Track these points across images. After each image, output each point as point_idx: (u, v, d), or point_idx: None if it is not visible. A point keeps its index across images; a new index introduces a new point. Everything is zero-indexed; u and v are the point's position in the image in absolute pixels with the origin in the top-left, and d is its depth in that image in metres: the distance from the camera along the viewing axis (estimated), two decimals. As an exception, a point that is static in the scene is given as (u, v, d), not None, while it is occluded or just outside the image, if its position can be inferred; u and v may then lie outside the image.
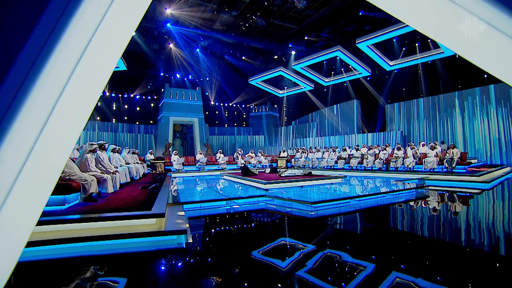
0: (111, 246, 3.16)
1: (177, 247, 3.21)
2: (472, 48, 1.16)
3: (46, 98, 1.04)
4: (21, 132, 1.07)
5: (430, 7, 1.12)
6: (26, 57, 1.02)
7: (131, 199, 4.59)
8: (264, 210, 5.43)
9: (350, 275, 2.49)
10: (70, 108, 1.13)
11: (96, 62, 1.12)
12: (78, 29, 1.11)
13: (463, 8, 1.09)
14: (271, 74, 19.21)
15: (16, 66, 1.01)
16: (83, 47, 1.10)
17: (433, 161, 10.22)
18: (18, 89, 1.00)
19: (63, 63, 1.11)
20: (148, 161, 12.58)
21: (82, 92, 1.15)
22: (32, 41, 1.01)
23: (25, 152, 1.09)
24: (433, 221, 4.44)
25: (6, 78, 1.03)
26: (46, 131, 1.09)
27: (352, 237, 3.91)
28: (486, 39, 1.10)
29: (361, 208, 5.44)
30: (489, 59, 1.17)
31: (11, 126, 1.02)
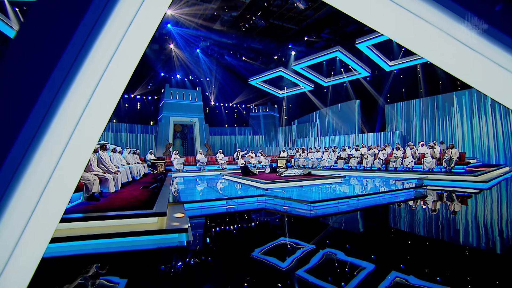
0: (114, 244, 3.23)
1: (178, 246, 3.27)
2: (433, 51, 1.24)
3: (78, 101, 1.12)
4: (58, 132, 1.15)
5: (406, 21, 1.19)
6: (64, 64, 1.11)
7: (132, 199, 4.65)
8: (264, 209, 5.49)
9: (347, 274, 2.56)
10: (97, 111, 1.21)
11: (121, 67, 1.20)
12: (107, 39, 1.19)
13: (434, 27, 1.16)
14: (271, 75, 19.28)
15: (56, 71, 1.09)
16: (110, 55, 1.18)
17: (432, 161, 10.28)
18: (57, 92, 1.08)
19: (94, 67, 1.19)
20: (149, 161, 12.64)
21: (107, 95, 1.23)
22: (67, 52, 1.10)
23: (60, 150, 1.16)
24: (430, 220, 4.51)
25: (47, 82, 1.11)
26: (76, 132, 1.17)
27: (350, 236, 3.97)
28: (445, 43, 1.19)
29: (360, 207, 5.51)
30: (452, 62, 1.26)
31: (49, 127, 1.11)
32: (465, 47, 1.15)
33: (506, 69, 1.13)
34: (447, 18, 1.14)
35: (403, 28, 1.20)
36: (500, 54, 1.11)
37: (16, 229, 1.14)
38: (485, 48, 1.13)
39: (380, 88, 18.64)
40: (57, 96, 1.13)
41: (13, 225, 1.13)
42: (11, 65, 1.13)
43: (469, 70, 1.22)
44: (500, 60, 1.11)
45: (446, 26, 1.15)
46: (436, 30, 1.17)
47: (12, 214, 1.13)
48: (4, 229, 1.12)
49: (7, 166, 1.10)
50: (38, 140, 1.12)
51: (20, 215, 1.14)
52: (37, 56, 1.14)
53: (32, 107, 1.09)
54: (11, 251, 1.14)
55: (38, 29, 1.13)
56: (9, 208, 1.11)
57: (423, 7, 1.14)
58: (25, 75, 1.13)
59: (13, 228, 1.13)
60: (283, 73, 18.72)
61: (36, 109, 1.08)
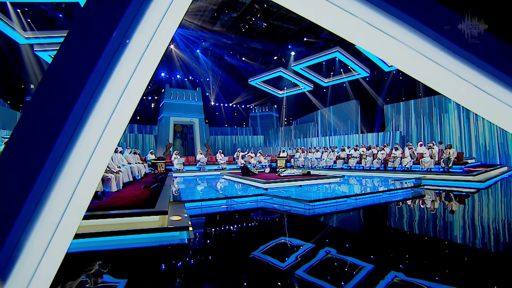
0: (117, 242, 3.32)
1: (179, 243, 3.37)
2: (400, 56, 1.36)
3: (109, 104, 1.24)
4: (91, 133, 1.25)
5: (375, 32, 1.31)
6: (99, 71, 1.22)
7: (134, 198, 4.74)
8: (263, 208, 5.58)
9: (345, 272, 2.65)
10: (122, 113, 1.31)
11: (145, 71, 1.32)
12: (135, 46, 1.30)
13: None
14: (271, 75, 19.36)
15: (92, 77, 1.20)
16: (137, 61, 1.29)
17: (430, 161, 10.37)
18: (92, 95, 1.20)
19: (125, 70, 1.30)
20: (149, 161, 12.73)
21: (128, 105, 1.34)
22: (101, 61, 1.22)
23: (90, 151, 1.26)
24: (426, 219, 4.60)
25: (84, 86, 1.22)
26: (106, 133, 1.27)
27: (348, 234, 4.06)
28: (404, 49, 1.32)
29: (358, 206, 5.60)
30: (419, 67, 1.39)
31: (83, 129, 1.22)
32: (420, 55, 1.29)
33: (455, 73, 1.26)
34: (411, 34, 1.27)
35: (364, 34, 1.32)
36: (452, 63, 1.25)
37: (52, 224, 1.24)
38: (438, 56, 1.27)
39: (379, 88, 18.73)
40: (88, 106, 1.23)
41: (50, 221, 1.23)
42: (53, 80, 1.27)
43: (426, 73, 1.35)
44: (453, 68, 1.25)
45: (410, 41, 1.28)
46: (403, 46, 1.30)
47: (50, 209, 1.23)
48: (43, 225, 1.22)
49: (47, 168, 1.20)
50: (73, 143, 1.23)
51: (56, 211, 1.24)
52: (75, 72, 1.27)
53: (68, 115, 1.21)
54: (46, 246, 1.24)
55: (73, 51, 1.26)
56: (48, 204, 1.22)
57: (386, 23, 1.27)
58: (66, 83, 1.26)
59: (50, 224, 1.23)
60: (283, 74, 18.81)
61: (72, 116, 1.20)
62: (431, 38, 1.27)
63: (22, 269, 1.19)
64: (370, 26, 1.28)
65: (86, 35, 1.29)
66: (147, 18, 1.30)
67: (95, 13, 1.30)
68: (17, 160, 1.23)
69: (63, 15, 12.55)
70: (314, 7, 1.31)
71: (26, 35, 11.29)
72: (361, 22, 1.27)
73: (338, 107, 20.81)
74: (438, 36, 1.26)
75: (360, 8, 1.25)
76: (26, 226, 1.19)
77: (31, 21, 11.70)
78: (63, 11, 12.37)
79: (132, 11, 1.26)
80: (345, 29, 1.35)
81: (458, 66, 1.29)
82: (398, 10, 1.24)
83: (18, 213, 1.16)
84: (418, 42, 1.28)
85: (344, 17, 1.28)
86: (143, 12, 1.28)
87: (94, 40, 1.26)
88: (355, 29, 1.32)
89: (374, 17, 1.26)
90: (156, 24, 1.32)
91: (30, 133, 1.27)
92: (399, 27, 1.28)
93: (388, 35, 1.30)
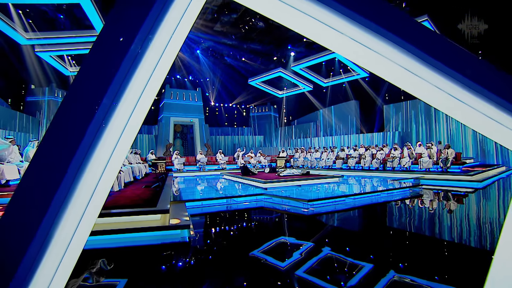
0: (120, 240, 3.40)
1: (180, 241, 3.45)
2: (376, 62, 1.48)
3: (128, 106, 1.36)
4: (113, 133, 1.35)
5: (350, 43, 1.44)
6: (122, 73, 1.34)
7: (136, 197, 4.82)
8: (263, 208, 5.67)
9: (342, 270, 2.73)
10: (138, 114, 1.41)
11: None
12: (153, 52, 1.42)
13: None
14: (270, 75, 19.42)
15: (115, 81, 1.32)
16: (154, 64, 1.40)
17: (429, 161, 10.46)
18: (115, 98, 1.31)
19: (144, 73, 1.41)
20: (150, 161, 12.80)
21: (143, 108, 1.43)
22: (124, 63, 1.34)
23: (110, 151, 1.35)
24: (424, 218, 4.69)
25: (109, 87, 1.33)
26: (124, 133, 1.36)
27: (346, 233, 4.14)
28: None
29: (356, 206, 5.68)
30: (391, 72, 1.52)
31: (106, 129, 1.32)
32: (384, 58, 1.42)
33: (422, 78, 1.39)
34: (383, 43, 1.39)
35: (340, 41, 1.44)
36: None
37: (74, 221, 1.33)
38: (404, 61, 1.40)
39: (379, 89, 18.82)
40: (110, 109, 1.33)
41: (73, 218, 1.32)
42: (81, 87, 1.40)
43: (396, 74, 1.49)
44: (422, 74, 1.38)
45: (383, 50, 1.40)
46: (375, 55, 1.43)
47: (74, 206, 1.31)
48: (66, 222, 1.31)
49: (72, 166, 1.29)
50: (97, 142, 1.33)
51: (79, 207, 1.33)
52: (98, 79, 1.38)
53: (92, 118, 1.31)
54: (69, 242, 1.33)
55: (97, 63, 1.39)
56: (72, 201, 1.30)
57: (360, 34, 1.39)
58: (93, 87, 1.39)
59: (73, 221, 1.33)
60: (283, 74, 18.87)
61: (96, 118, 1.30)
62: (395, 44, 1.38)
63: (46, 264, 1.28)
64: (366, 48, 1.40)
65: (111, 41, 1.39)
66: (163, 26, 1.40)
67: (120, 20, 1.40)
68: (49, 158, 1.33)
69: (64, 16, 12.63)
70: (294, 18, 1.41)
71: (27, 35, 11.36)
72: (344, 37, 1.39)
73: (338, 107, 20.89)
74: (419, 52, 1.36)
75: (339, 22, 1.36)
76: (51, 226, 1.29)
77: (32, 22, 11.77)
78: (64, 12, 12.45)
79: (152, 18, 1.36)
80: (325, 39, 1.46)
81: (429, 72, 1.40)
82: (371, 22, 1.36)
83: (44, 214, 1.26)
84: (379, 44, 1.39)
85: (322, 27, 1.40)
86: (161, 19, 1.39)
87: (118, 46, 1.37)
88: (335, 39, 1.43)
89: (364, 36, 1.38)
90: (172, 31, 1.42)
91: (59, 134, 1.37)
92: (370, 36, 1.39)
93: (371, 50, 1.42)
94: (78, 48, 12.32)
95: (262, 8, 1.49)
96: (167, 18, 1.41)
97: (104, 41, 1.40)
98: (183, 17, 1.44)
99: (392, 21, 1.37)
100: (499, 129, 1.37)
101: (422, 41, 1.36)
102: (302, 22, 1.42)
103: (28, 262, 1.25)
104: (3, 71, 15.20)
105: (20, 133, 14.77)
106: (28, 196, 1.34)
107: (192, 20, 1.50)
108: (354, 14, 1.36)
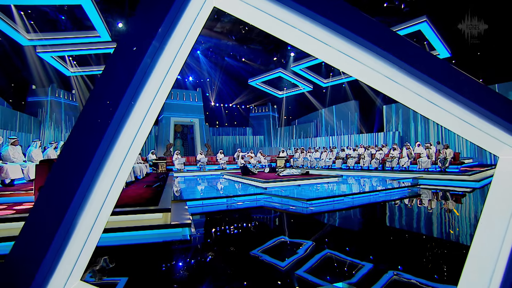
0: (123, 238, 3.48)
1: (182, 239, 3.53)
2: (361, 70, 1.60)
3: (142, 109, 1.46)
4: (129, 133, 1.45)
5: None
6: (139, 77, 1.43)
7: (138, 196, 4.90)
8: (262, 207, 5.75)
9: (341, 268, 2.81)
10: (151, 117, 1.51)
11: (171, 78, 1.54)
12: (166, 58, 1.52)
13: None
14: (270, 76, 19.48)
15: (131, 85, 1.42)
16: (166, 71, 1.50)
17: (427, 161, 10.53)
18: (131, 101, 1.41)
19: (157, 79, 1.52)
20: (151, 161, 12.88)
21: (155, 111, 1.53)
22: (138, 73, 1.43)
23: (125, 152, 1.44)
24: (421, 217, 4.77)
25: (126, 91, 1.43)
26: (138, 135, 1.46)
27: (344, 231, 4.23)
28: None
29: (354, 205, 5.76)
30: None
31: (122, 129, 1.42)
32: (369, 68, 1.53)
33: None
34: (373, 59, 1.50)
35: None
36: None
37: (91, 219, 1.43)
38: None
39: (378, 89, 18.87)
40: (126, 112, 1.44)
41: (91, 215, 1.42)
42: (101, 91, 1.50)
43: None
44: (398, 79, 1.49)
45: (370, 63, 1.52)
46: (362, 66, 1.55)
47: (92, 203, 1.41)
48: (86, 218, 1.40)
49: (93, 165, 1.38)
50: (114, 142, 1.42)
51: (97, 205, 1.43)
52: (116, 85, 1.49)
53: (110, 120, 1.41)
54: (86, 238, 1.42)
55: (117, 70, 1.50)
56: (91, 199, 1.40)
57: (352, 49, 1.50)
58: (113, 88, 1.49)
59: (91, 218, 1.42)
60: (283, 74, 18.93)
61: (114, 121, 1.40)
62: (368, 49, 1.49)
63: (68, 257, 1.39)
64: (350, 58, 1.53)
65: (128, 47, 1.49)
66: (176, 34, 1.51)
67: (140, 25, 1.51)
68: (74, 156, 1.44)
69: (65, 17, 12.72)
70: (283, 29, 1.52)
71: (29, 36, 11.44)
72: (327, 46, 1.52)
73: (338, 108, 20.97)
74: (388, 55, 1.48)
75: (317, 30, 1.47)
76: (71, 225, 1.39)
77: (34, 23, 11.87)
78: (65, 13, 12.54)
79: (167, 25, 1.46)
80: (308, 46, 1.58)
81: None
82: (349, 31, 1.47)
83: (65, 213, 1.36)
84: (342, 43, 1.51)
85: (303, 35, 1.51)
86: (174, 27, 1.48)
87: (136, 50, 1.48)
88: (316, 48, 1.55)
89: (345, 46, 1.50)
90: (183, 37, 1.52)
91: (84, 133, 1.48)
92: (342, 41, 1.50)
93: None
94: (79, 48, 12.41)
95: (250, 19, 1.59)
96: (176, 30, 1.50)
97: (124, 46, 1.50)
98: (192, 27, 1.53)
99: (373, 32, 1.46)
100: (469, 128, 1.49)
101: (403, 51, 1.46)
102: (292, 34, 1.52)
103: (54, 250, 1.35)
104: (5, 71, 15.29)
105: (21, 133, 14.86)
106: (53, 195, 1.43)
107: (200, 28, 1.60)
108: (330, 22, 1.45)
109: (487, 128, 1.45)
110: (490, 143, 1.60)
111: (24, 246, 1.34)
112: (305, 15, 1.39)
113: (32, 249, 1.34)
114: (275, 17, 1.44)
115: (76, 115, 19.45)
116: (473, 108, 1.41)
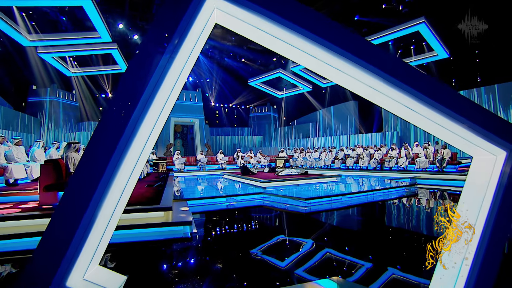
0: (125, 236, 3.57)
1: (183, 237, 3.63)
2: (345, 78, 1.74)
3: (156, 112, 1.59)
4: (143, 135, 1.57)
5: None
6: (155, 78, 1.58)
7: (139, 195, 5.00)
8: (262, 206, 5.84)
9: (339, 266, 2.91)
10: (163, 119, 1.64)
11: (181, 82, 1.68)
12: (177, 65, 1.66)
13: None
14: (270, 76, 19.56)
15: (146, 91, 1.56)
16: (176, 77, 1.64)
17: (425, 161, 10.64)
18: (145, 106, 1.54)
19: (168, 85, 1.66)
20: (151, 161, 12.96)
21: (165, 114, 1.65)
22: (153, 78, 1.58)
23: (140, 150, 1.56)
24: (418, 216, 4.87)
25: (140, 98, 1.55)
26: (150, 137, 1.57)
27: (341, 230, 4.33)
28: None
29: (352, 204, 5.86)
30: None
31: (137, 131, 1.54)
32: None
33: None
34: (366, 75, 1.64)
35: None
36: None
37: (107, 215, 1.54)
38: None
39: (377, 90, 18.96)
40: (140, 116, 1.56)
41: (107, 213, 1.54)
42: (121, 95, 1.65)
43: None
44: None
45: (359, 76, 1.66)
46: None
47: (109, 201, 1.52)
48: (102, 216, 1.51)
49: (111, 166, 1.49)
50: (131, 141, 1.55)
51: (112, 202, 1.54)
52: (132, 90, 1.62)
53: (126, 124, 1.54)
54: (102, 234, 1.53)
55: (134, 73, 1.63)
56: (108, 195, 1.52)
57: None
58: (131, 93, 1.63)
59: (106, 215, 1.54)
60: (282, 75, 19.01)
61: (130, 124, 1.53)
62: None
63: (87, 250, 1.52)
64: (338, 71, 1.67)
65: (145, 55, 1.63)
66: (187, 42, 1.64)
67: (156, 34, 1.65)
68: (96, 155, 1.57)
69: (66, 18, 12.81)
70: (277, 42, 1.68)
71: (30, 37, 11.52)
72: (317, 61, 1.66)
73: (337, 108, 21.07)
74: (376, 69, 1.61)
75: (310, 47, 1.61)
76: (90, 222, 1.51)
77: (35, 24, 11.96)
78: (66, 14, 12.63)
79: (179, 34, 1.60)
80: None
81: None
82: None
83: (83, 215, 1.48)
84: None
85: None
86: (181, 42, 1.62)
87: (149, 57, 1.61)
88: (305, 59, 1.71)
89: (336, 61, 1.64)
90: (192, 46, 1.66)
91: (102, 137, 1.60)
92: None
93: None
94: (80, 49, 12.49)
95: (248, 35, 1.72)
96: (184, 44, 1.64)
97: (141, 57, 1.64)
98: (198, 41, 1.66)
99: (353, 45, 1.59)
100: (446, 132, 1.62)
101: (384, 63, 1.58)
102: (286, 49, 1.66)
103: (78, 238, 1.48)
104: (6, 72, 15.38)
105: (22, 133, 14.95)
106: (77, 192, 1.55)
107: (204, 42, 1.73)
108: (311, 34, 1.57)
109: (462, 132, 1.64)
110: (465, 145, 1.85)
111: (55, 232, 1.50)
112: (295, 31, 1.53)
113: (60, 235, 1.50)
114: (271, 35, 1.57)
115: (76, 115, 19.54)
116: (449, 114, 1.53)
